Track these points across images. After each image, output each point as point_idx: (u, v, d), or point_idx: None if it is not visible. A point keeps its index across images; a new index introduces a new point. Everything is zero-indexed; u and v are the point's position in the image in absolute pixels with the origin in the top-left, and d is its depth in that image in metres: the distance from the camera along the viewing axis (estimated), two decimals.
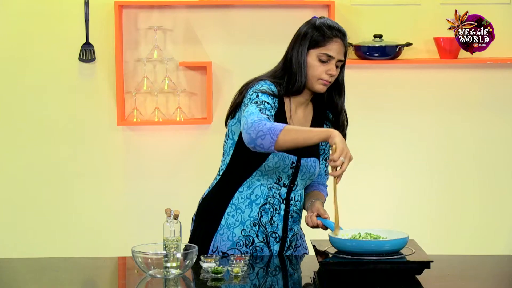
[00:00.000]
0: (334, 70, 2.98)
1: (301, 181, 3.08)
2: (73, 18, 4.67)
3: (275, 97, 2.97)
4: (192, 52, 4.73)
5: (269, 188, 3.03)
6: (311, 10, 4.72)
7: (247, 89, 3.00)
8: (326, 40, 2.97)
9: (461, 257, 3.23)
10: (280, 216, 3.05)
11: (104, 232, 4.78)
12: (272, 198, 3.04)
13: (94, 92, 4.73)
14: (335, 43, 2.98)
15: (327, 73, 2.98)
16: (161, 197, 4.75)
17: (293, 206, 3.08)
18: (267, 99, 2.93)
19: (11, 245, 4.78)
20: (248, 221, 3.02)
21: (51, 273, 2.92)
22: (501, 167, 4.85)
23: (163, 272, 2.76)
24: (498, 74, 4.79)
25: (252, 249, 3.05)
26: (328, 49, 2.97)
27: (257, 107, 2.88)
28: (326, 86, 3.01)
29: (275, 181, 3.03)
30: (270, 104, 2.93)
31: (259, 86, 2.97)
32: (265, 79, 3.01)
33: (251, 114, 2.84)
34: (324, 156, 3.21)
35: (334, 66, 2.98)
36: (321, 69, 2.98)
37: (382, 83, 4.79)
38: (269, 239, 3.05)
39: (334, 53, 2.98)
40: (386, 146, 4.82)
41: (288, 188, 3.05)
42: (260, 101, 2.91)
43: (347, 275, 2.75)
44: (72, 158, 4.76)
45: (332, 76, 2.99)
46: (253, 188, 3.03)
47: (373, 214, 4.81)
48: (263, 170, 3.01)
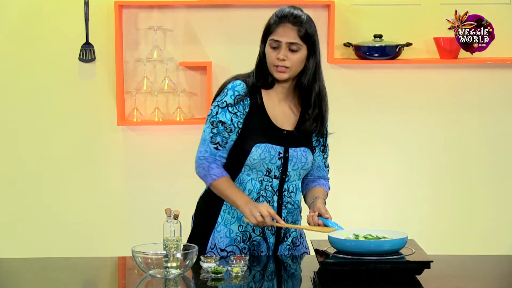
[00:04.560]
0: (282, 54, 2.99)
1: (294, 172, 3.08)
2: (73, 18, 4.67)
3: (241, 100, 3.02)
4: (192, 52, 4.73)
5: (260, 181, 3.05)
6: (311, 10, 4.71)
7: (219, 92, 3.07)
8: (274, 27, 3.02)
9: (461, 257, 3.23)
10: (273, 208, 3.06)
11: (104, 232, 4.78)
12: (265, 190, 3.05)
13: (94, 92, 4.73)
14: (282, 27, 3.00)
15: (277, 58, 3.00)
16: (161, 197, 4.75)
17: (287, 197, 3.08)
18: (224, 117, 3.02)
19: (11, 245, 4.78)
20: (244, 216, 3.03)
21: (51, 273, 2.92)
22: (501, 167, 4.85)
23: (163, 272, 2.76)
24: (498, 74, 4.79)
25: (249, 244, 3.06)
26: (274, 34, 3.01)
27: (210, 131, 3.03)
28: (283, 72, 3.02)
29: (265, 173, 3.04)
30: (226, 124, 3.01)
31: (223, 96, 3.04)
32: (236, 79, 3.07)
33: (201, 144, 3.05)
34: (320, 148, 3.19)
35: (283, 50, 2.99)
36: (273, 56, 3.01)
37: (382, 83, 4.79)
38: (265, 232, 3.07)
39: (280, 36, 2.99)
40: (386, 146, 4.82)
41: (280, 180, 3.06)
42: (216, 121, 3.03)
43: (347, 275, 2.75)
44: (72, 158, 4.76)
45: (284, 61, 2.99)
46: (245, 184, 3.05)
47: (372, 214, 4.81)
48: (249, 164, 3.03)
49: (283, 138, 3.05)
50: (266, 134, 3.04)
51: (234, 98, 3.03)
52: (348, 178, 4.81)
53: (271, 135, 3.04)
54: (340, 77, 4.77)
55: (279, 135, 3.06)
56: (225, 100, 3.04)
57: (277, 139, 3.05)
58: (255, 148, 3.01)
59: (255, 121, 3.05)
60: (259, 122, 3.05)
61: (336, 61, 4.69)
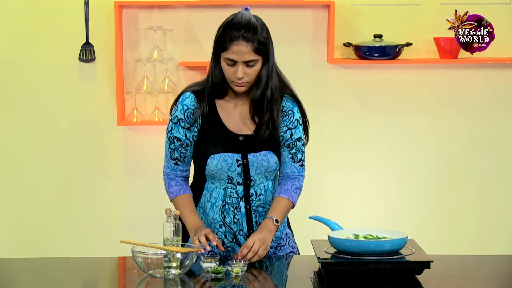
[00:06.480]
0: (239, 73, 2.93)
1: (258, 176, 3.05)
2: (73, 18, 4.67)
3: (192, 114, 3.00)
4: (192, 52, 4.73)
5: (224, 188, 3.04)
6: (311, 10, 4.72)
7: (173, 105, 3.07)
8: (228, 44, 2.94)
9: (461, 257, 3.22)
10: (241, 213, 3.05)
11: (104, 232, 4.78)
12: (230, 197, 3.04)
13: (94, 92, 4.73)
14: (236, 45, 2.93)
15: (235, 75, 2.95)
16: (161, 197, 4.73)
17: (255, 201, 3.05)
18: (178, 133, 3.04)
19: (11, 245, 4.78)
20: (213, 223, 3.05)
21: (51, 273, 2.92)
22: (501, 167, 4.85)
23: (163, 272, 2.77)
24: (498, 74, 4.79)
25: (225, 251, 3.05)
26: (229, 53, 2.94)
27: (169, 147, 3.07)
28: (242, 86, 2.97)
29: (227, 181, 3.03)
30: (180, 140, 3.03)
31: (175, 110, 3.04)
32: (186, 91, 3.05)
33: (164, 159, 3.11)
34: (285, 143, 3.06)
35: (240, 68, 2.92)
36: (230, 72, 2.95)
37: (382, 83, 4.79)
38: (238, 238, 3.06)
39: (236, 56, 2.93)
40: (386, 146, 4.82)
41: (244, 185, 3.04)
42: (172, 137, 3.06)
43: (347, 275, 2.75)
44: (72, 158, 4.77)
45: (241, 78, 2.95)
46: (211, 191, 3.06)
47: (372, 214, 4.81)
48: (209, 174, 3.03)
49: (240, 145, 3.01)
50: (221, 143, 3.01)
51: (184, 113, 3.02)
52: (348, 178, 4.81)
53: (226, 143, 3.01)
54: (340, 77, 4.77)
55: (235, 141, 3.02)
56: (176, 115, 3.04)
57: (233, 146, 3.01)
58: (210, 159, 3.00)
59: (210, 131, 3.03)
60: (214, 131, 3.02)
61: (336, 61, 4.69)
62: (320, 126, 4.56)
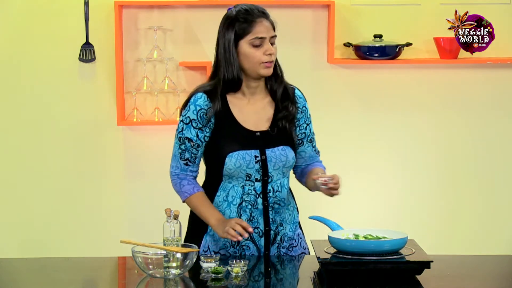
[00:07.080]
0: (271, 49, 2.99)
1: (276, 171, 3.05)
2: (73, 18, 4.67)
3: (205, 113, 3.00)
4: (192, 52, 4.73)
5: (242, 186, 3.03)
6: (311, 10, 4.72)
7: (184, 106, 3.06)
8: (251, 25, 2.98)
9: (461, 257, 3.23)
10: (258, 210, 3.04)
11: (104, 232, 4.78)
12: (247, 195, 3.03)
13: (94, 92, 4.73)
14: (260, 23, 2.98)
15: (265, 54, 2.98)
16: (161, 197, 4.74)
17: (272, 198, 3.05)
18: (189, 134, 3.02)
19: (11, 245, 4.78)
20: None
21: (51, 273, 2.92)
22: (501, 167, 4.85)
23: (163, 272, 2.77)
24: (498, 74, 4.79)
25: (239, 249, 3.05)
26: (257, 32, 2.98)
27: (179, 148, 3.05)
28: (270, 67, 3.00)
29: (245, 179, 3.02)
30: (192, 140, 3.02)
31: (187, 111, 3.03)
32: (197, 91, 3.04)
33: (172, 159, 3.09)
34: (308, 139, 3.16)
35: (270, 45, 2.99)
36: (259, 53, 2.98)
37: (382, 83, 4.79)
38: (253, 235, 3.05)
39: (264, 32, 2.98)
40: (386, 146, 4.82)
41: (262, 182, 3.03)
42: (183, 138, 3.04)
43: (347, 275, 2.75)
44: (72, 158, 4.76)
45: (272, 55, 2.99)
46: (228, 191, 3.04)
47: (373, 214, 4.81)
48: (227, 173, 3.02)
49: (257, 141, 3.01)
50: (238, 141, 3.01)
51: (197, 113, 3.02)
52: (348, 178, 4.78)
53: (243, 140, 3.01)
54: (340, 77, 4.77)
55: (252, 138, 3.02)
56: (188, 116, 3.03)
57: (251, 143, 3.01)
58: (229, 158, 2.99)
59: (225, 129, 3.02)
60: (229, 130, 3.02)
61: (336, 61, 4.69)
62: (320, 126, 4.55)
